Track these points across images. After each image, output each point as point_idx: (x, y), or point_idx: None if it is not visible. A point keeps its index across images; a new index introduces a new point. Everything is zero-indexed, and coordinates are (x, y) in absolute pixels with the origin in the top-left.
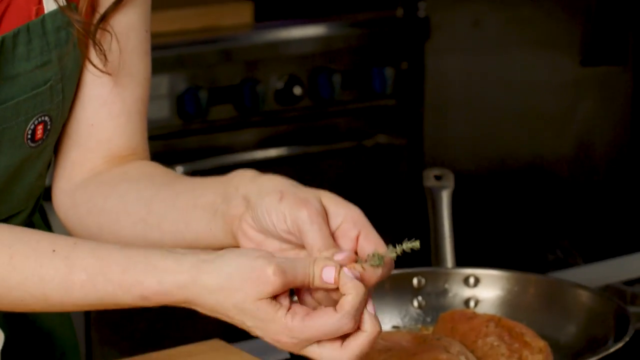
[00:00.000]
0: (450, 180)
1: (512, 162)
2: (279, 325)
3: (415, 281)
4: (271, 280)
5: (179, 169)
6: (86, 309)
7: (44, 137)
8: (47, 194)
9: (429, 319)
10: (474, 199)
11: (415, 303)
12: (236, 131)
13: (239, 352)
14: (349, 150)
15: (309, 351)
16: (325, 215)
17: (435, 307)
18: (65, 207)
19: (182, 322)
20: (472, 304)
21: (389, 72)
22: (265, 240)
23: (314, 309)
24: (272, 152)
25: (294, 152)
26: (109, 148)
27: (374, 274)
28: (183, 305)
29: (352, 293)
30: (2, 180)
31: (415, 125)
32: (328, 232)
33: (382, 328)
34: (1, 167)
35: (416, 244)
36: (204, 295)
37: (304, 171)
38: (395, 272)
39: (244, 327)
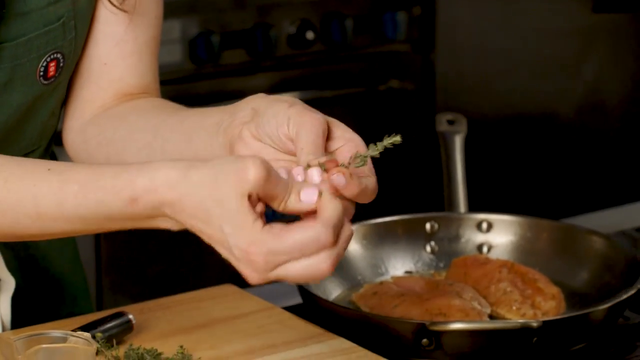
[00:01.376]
0: (463, 125)
1: (524, 107)
2: (254, 234)
3: (428, 226)
4: (253, 172)
5: None
6: (78, 227)
7: (57, 75)
8: (57, 139)
9: (441, 265)
10: (487, 144)
11: (428, 248)
12: (248, 76)
13: (251, 296)
14: (361, 95)
15: (281, 270)
16: (326, 131)
17: (448, 253)
18: (75, 145)
19: (193, 268)
20: (484, 249)
21: (401, 17)
22: (263, 148)
23: None
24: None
25: (306, 96)
26: (121, 87)
27: (358, 184)
28: (168, 211)
29: (330, 207)
30: (15, 118)
31: (428, 71)
32: (322, 143)
33: (396, 273)
34: (14, 105)
35: (397, 139)
36: (192, 192)
37: None
38: (408, 217)
39: (219, 238)
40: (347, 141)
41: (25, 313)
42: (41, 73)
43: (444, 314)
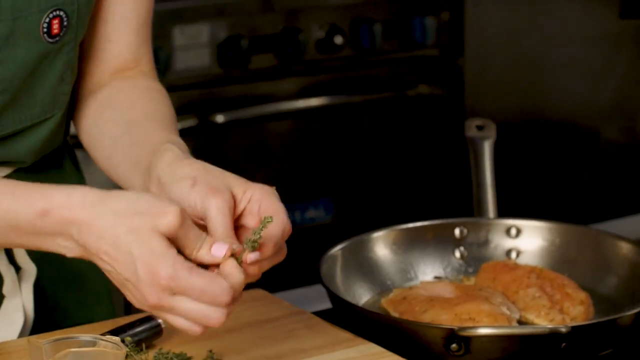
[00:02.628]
0: (492, 131)
1: (553, 112)
2: (169, 254)
3: (457, 231)
4: (171, 216)
5: (220, 117)
6: None
7: (61, 34)
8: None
9: (471, 270)
10: (515, 150)
11: (457, 253)
12: (277, 80)
13: (280, 301)
14: (390, 100)
15: (176, 300)
16: (232, 204)
17: (477, 258)
18: (75, 119)
19: None
20: (513, 254)
21: (430, 21)
22: None
23: None
24: (313, 102)
25: (334, 101)
26: (119, 61)
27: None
28: (75, 230)
29: (236, 274)
30: (21, 77)
31: (456, 76)
32: (230, 223)
33: (425, 278)
34: (19, 61)
35: (268, 218)
36: (105, 216)
37: (345, 121)
38: (437, 222)
39: (124, 260)
40: (252, 197)
41: (47, 309)
42: (44, 29)
43: (473, 319)
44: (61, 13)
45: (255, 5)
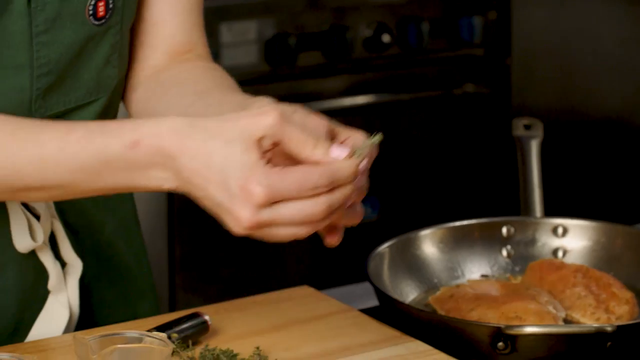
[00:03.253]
0: (539, 130)
1: (600, 111)
2: (257, 167)
3: (504, 230)
4: (270, 115)
5: None
6: (77, 177)
7: (107, 16)
8: None
9: (517, 269)
10: (563, 149)
11: (504, 252)
12: (324, 78)
13: (328, 298)
14: (436, 99)
15: (274, 211)
16: (329, 133)
17: (524, 257)
18: (129, 103)
19: (266, 269)
20: (560, 253)
21: (477, 21)
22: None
23: None
24: (360, 100)
25: (381, 99)
26: (171, 44)
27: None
28: (168, 159)
29: (343, 164)
30: (67, 58)
31: (503, 75)
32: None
33: (472, 277)
34: (66, 43)
35: (379, 136)
36: (195, 135)
37: (392, 119)
38: (484, 220)
39: (217, 179)
40: (350, 135)
41: (92, 305)
42: (90, 12)
43: (520, 318)
44: None
45: (303, 2)
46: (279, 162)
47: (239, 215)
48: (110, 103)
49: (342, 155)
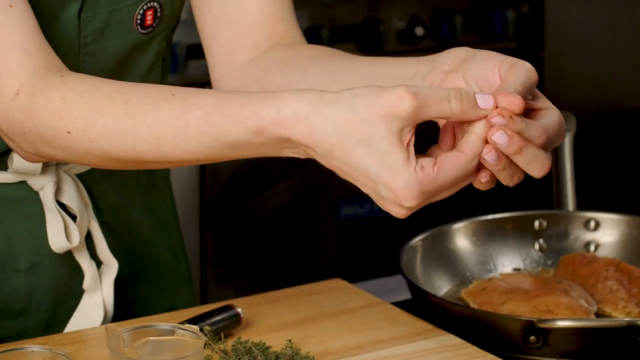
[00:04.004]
0: (572, 123)
1: (633, 105)
2: (407, 175)
3: (536, 224)
4: (407, 103)
5: None
6: (199, 156)
7: (154, 25)
8: None
9: (549, 262)
10: (596, 142)
11: (537, 246)
12: None
13: (360, 291)
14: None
15: (429, 201)
16: (535, 84)
17: (556, 250)
18: (232, 89)
19: (297, 261)
20: (592, 247)
21: (510, 14)
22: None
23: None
24: None
25: None
26: (263, 20)
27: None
28: (300, 144)
29: (478, 143)
30: (112, 66)
31: (536, 68)
32: (526, 89)
33: (504, 270)
34: (111, 52)
35: None
36: (326, 128)
37: None
38: (516, 214)
39: (361, 178)
40: (548, 109)
41: (127, 301)
42: (138, 21)
43: (552, 312)
44: (155, 4)
45: None
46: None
47: (393, 212)
48: None
49: (488, 104)
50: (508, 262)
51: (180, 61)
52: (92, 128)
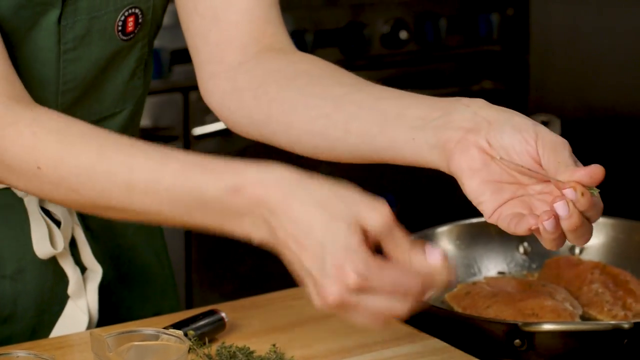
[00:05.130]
0: (556, 126)
1: (617, 108)
2: (358, 253)
3: None
4: (382, 212)
5: None
6: (164, 210)
7: (136, 31)
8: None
9: (534, 265)
10: (580, 145)
11: (521, 249)
12: None
13: None
14: (454, 95)
15: (363, 299)
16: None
17: (541, 253)
18: (222, 92)
19: (285, 266)
20: (577, 250)
21: (494, 17)
22: (489, 165)
23: None
24: None
25: None
26: (252, 20)
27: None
28: (266, 211)
29: (442, 273)
30: (94, 73)
31: (521, 71)
32: (573, 164)
33: (488, 274)
34: (92, 59)
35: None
36: (302, 198)
37: None
38: None
39: (313, 250)
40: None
41: (112, 305)
42: (119, 28)
43: (536, 315)
44: (136, 10)
45: None
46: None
47: (327, 291)
48: (136, 112)
49: (437, 259)
50: (492, 265)
51: (164, 66)
52: (63, 167)
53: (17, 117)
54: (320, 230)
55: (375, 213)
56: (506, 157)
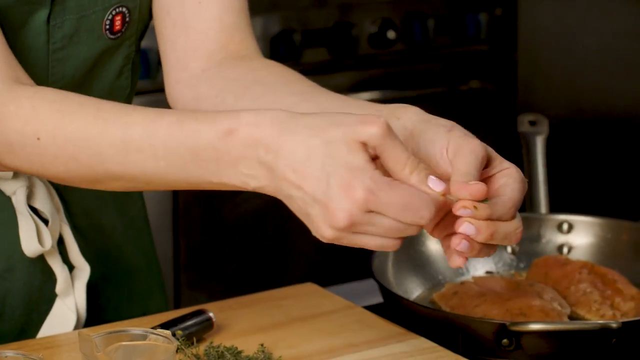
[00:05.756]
0: (544, 126)
1: (606, 108)
2: (366, 168)
3: None
4: (376, 125)
5: None
6: (160, 165)
7: (123, 30)
8: None
9: (522, 265)
10: (568, 145)
11: (509, 248)
12: (329, 74)
13: (332, 295)
14: (442, 95)
15: (372, 218)
16: (485, 159)
17: (529, 253)
18: (184, 99)
19: (271, 266)
20: (565, 250)
21: (482, 17)
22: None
23: None
24: (365, 96)
25: (386, 96)
26: (220, 28)
27: (486, 225)
28: (262, 151)
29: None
30: (81, 72)
31: (509, 71)
32: (479, 167)
33: (477, 273)
34: (81, 58)
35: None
36: (296, 130)
37: None
38: None
39: (315, 178)
40: (503, 170)
41: (99, 305)
42: (107, 27)
43: (525, 314)
44: (123, 9)
45: None
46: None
47: (336, 210)
48: None
49: (437, 188)
50: (480, 265)
51: (153, 67)
52: (62, 133)
53: (18, 94)
54: (320, 155)
55: (372, 125)
56: (427, 164)
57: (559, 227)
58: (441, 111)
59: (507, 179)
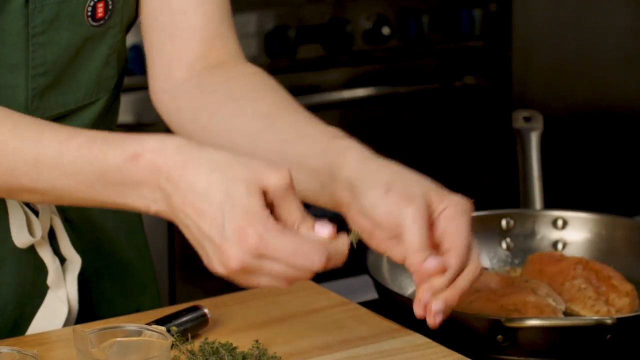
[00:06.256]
0: (539, 122)
1: (600, 104)
2: (260, 216)
3: (503, 223)
4: (281, 174)
5: None
6: (70, 184)
7: (106, 17)
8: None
9: (517, 261)
10: (563, 141)
11: (504, 245)
12: (324, 70)
13: (326, 291)
14: (436, 91)
15: (264, 262)
16: (427, 214)
17: (524, 249)
18: (167, 109)
19: None
20: (560, 246)
21: (477, 13)
22: (374, 229)
23: None
24: (360, 92)
25: (381, 92)
26: (203, 37)
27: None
28: (163, 179)
29: (342, 245)
30: (65, 59)
31: (503, 67)
32: (426, 234)
33: None
34: (62, 44)
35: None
36: (201, 163)
37: (391, 112)
38: (483, 213)
39: (212, 214)
40: (444, 211)
41: (92, 300)
42: (89, 13)
43: (519, 310)
44: None
45: None
46: None
47: (228, 255)
48: (110, 105)
49: (324, 233)
50: None
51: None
52: None
53: None
54: (219, 194)
55: (275, 175)
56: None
57: (554, 223)
58: (436, 107)
59: (450, 220)
